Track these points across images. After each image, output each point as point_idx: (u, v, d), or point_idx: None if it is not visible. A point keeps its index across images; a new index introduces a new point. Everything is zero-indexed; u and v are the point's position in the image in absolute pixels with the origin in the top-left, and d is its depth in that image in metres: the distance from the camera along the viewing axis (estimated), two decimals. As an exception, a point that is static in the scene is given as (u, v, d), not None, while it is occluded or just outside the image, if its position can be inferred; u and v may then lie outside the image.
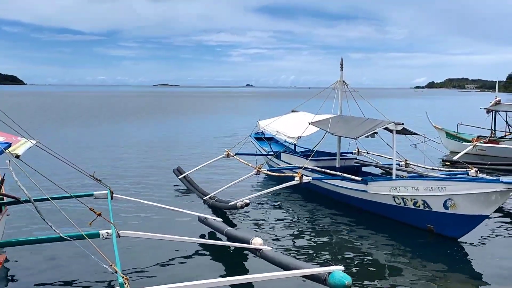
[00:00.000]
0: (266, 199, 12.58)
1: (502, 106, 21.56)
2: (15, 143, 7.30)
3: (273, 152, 15.49)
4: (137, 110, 57.96)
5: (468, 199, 8.86)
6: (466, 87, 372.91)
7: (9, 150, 6.63)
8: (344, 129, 11.82)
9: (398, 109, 67.32)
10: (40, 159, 12.03)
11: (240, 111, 58.71)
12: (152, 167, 17.51)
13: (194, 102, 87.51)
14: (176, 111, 55.95)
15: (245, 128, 27.87)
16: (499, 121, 21.58)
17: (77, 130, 31.49)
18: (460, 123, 22.95)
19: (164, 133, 30.60)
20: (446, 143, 22.80)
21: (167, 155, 20.74)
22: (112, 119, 41.80)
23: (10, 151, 6.68)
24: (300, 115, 15.48)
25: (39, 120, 38.99)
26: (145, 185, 14.36)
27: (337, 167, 12.90)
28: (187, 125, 37.19)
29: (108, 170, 16.56)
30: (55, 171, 14.22)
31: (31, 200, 6.51)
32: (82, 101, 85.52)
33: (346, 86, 13.46)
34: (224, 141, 23.94)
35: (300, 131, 13.35)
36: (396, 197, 10.07)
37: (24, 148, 7.25)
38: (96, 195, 9.49)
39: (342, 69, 13.43)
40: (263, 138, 17.13)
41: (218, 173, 15.91)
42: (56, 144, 21.33)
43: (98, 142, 24.95)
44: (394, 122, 10.71)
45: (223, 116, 47.33)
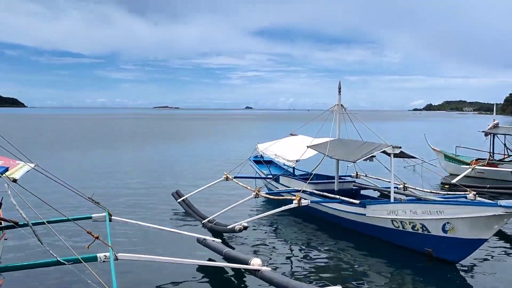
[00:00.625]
0: (264, 222, 12.54)
1: (500, 129, 21.64)
2: (13, 167, 7.33)
3: (272, 175, 15.50)
4: (136, 133, 58.06)
5: (466, 223, 8.85)
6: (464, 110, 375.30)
7: (7, 174, 6.65)
8: (342, 152, 11.88)
9: (396, 131, 67.58)
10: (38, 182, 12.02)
11: (239, 134, 58.87)
12: (151, 190, 17.49)
13: (193, 125, 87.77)
14: (175, 134, 56.05)
15: (244, 151, 27.92)
16: (497, 143, 21.64)
17: (75, 153, 31.49)
18: (459, 146, 23.00)
19: (163, 156, 30.62)
20: (445, 165, 22.84)
21: (166, 178, 20.72)
22: (110, 142, 41.83)
23: (8, 175, 6.70)
24: (299, 139, 15.55)
25: (38, 143, 39.03)
26: (144, 207, 14.33)
27: (335, 190, 12.93)
28: (186, 148, 37.23)
29: (106, 192, 16.53)
30: (53, 194, 14.22)
31: (29, 224, 6.51)
32: (81, 124, 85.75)
33: (344, 110, 13.56)
34: (223, 164, 23.94)
35: (299, 154, 13.39)
36: (395, 221, 10.05)
37: (22, 171, 7.28)
38: (95, 217, 9.46)
39: (340, 92, 13.58)
40: (262, 161, 17.16)
41: (217, 196, 15.88)
42: (54, 167, 21.38)
43: (96, 165, 24.96)
44: (391, 145, 10.76)
45: (222, 139, 47.42)
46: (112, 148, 36.00)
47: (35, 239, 6.29)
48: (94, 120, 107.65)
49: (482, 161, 20.97)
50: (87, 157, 28.98)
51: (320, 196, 12.27)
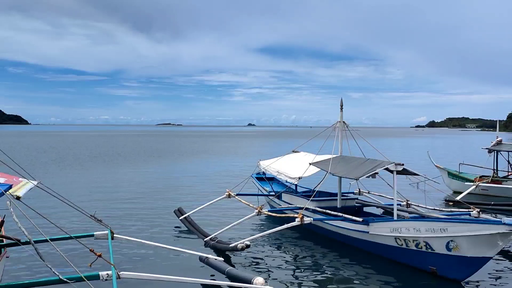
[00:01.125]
0: (267, 240, 12.48)
1: (503, 146, 21.60)
2: (16, 184, 7.35)
3: (274, 193, 15.47)
4: (138, 150, 58.14)
5: (470, 240, 8.78)
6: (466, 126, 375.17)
7: (10, 192, 6.66)
8: (345, 169, 11.86)
9: (399, 148, 67.49)
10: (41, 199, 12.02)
11: (241, 150, 58.87)
12: (153, 208, 17.45)
13: (196, 142, 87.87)
14: (177, 151, 56.09)
15: (246, 168, 27.91)
16: (501, 160, 21.58)
17: (78, 170, 31.52)
18: (462, 163, 22.95)
19: (165, 173, 30.60)
20: (448, 182, 22.76)
21: (168, 195, 20.70)
22: (113, 159, 41.88)
23: (11, 192, 6.72)
24: (301, 156, 15.57)
25: (41, 160, 39.12)
26: (146, 225, 14.29)
27: (338, 207, 12.88)
28: (188, 165, 37.24)
29: (109, 210, 16.51)
30: (56, 212, 14.22)
31: (31, 241, 6.50)
32: (84, 141, 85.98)
33: (346, 127, 13.59)
34: (225, 181, 23.91)
35: (301, 171, 13.39)
36: (398, 238, 9.99)
37: (25, 189, 7.30)
38: (97, 235, 9.43)
39: (342, 109, 13.61)
40: (264, 178, 17.15)
41: (219, 214, 15.84)
42: (57, 185, 21.44)
43: (99, 182, 24.96)
44: (394, 162, 10.75)
45: (224, 156, 47.43)
46: (115, 165, 36.03)
47: (37, 257, 6.28)
48: (97, 137, 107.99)
49: (486, 178, 20.89)
50: (90, 174, 28.99)
51: (322, 214, 12.22)
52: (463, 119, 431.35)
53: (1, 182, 6.91)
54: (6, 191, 6.44)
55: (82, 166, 34.39)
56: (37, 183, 8.15)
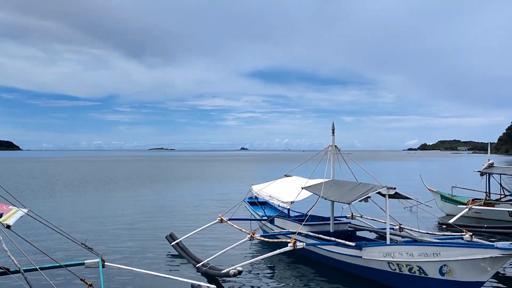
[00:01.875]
0: (260, 265, 12.38)
1: (495, 168, 21.72)
2: (6, 212, 7.30)
3: (267, 217, 15.42)
4: (130, 175, 57.85)
5: (463, 265, 8.76)
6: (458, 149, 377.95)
7: (0, 220, 6.61)
8: (337, 193, 11.87)
9: (391, 172, 67.71)
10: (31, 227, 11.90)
11: (233, 175, 58.77)
12: (144, 234, 17.29)
13: (188, 166, 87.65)
14: (169, 176, 55.87)
15: (238, 192, 27.85)
16: (493, 183, 21.70)
17: (69, 197, 31.25)
18: (455, 186, 23.01)
19: (157, 199, 30.41)
20: (441, 206, 22.80)
21: (159, 221, 20.53)
22: (104, 185, 41.59)
23: (1, 221, 6.67)
24: (293, 180, 15.59)
25: (32, 187, 38.77)
26: (138, 252, 14.13)
27: (331, 232, 12.83)
28: (180, 190, 37.05)
29: (99, 237, 16.34)
30: (46, 240, 14.06)
31: (21, 270, 6.43)
32: (76, 167, 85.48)
33: (338, 151, 13.66)
34: (218, 206, 23.81)
35: (293, 195, 13.39)
36: (391, 263, 9.95)
37: (15, 217, 7.24)
38: (87, 263, 9.32)
39: (334, 133, 13.69)
40: (257, 202, 17.10)
41: (212, 239, 15.73)
42: (48, 212, 21.25)
43: (90, 209, 24.73)
44: (386, 186, 10.77)
45: (217, 181, 47.28)
46: (106, 191, 35.78)
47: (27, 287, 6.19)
48: (89, 163, 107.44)
49: (479, 201, 20.94)
50: (81, 201, 28.74)
51: (315, 238, 12.17)
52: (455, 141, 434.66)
53: (-9, 211, 6.87)
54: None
55: (73, 192, 34.11)
56: (28, 210, 8.10)
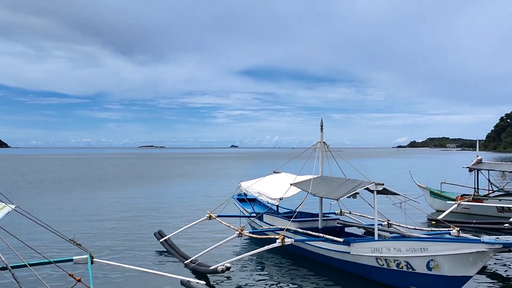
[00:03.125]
0: (248, 262, 12.42)
1: (483, 164, 21.96)
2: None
3: (256, 214, 15.45)
4: (119, 172, 57.57)
5: (450, 260, 8.85)
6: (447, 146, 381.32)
7: (-13, 216, 6.57)
8: (326, 190, 11.93)
9: (381, 169, 68.13)
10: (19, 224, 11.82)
11: (223, 172, 58.74)
12: (133, 230, 17.25)
13: (177, 164, 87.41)
14: (158, 173, 55.69)
15: (228, 189, 27.84)
16: (481, 179, 21.94)
17: (57, 194, 31.04)
18: (444, 182, 23.24)
19: (146, 196, 30.32)
20: (430, 202, 23.00)
21: (148, 218, 20.48)
22: (93, 182, 41.36)
23: (-12, 216, 6.63)
24: (282, 176, 15.63)
25: (20, 184, 38.44)
26: (126, 248, 14.10)
27: (319, 228, 12.91)
28: (169, 187, 36.96)
29: (88, 234, 16.27)
30: (34, 236, 13.96)
31: (8, 267, 6.38)
32: (64, 164, 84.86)
33: (327, 147, 13.72)
34: (206, 203, 23.79)
35: (282, 192, 13.44)
36: (379, 259, 10.04)
37: (2, 213, 7.20)
38: (76, 260, 9.29)
39: (322, 130, 13.73)
40: (246, 199, 17.12)
41: (200, 236, 15.74)
42: (36, 209, 21.09)
43: (78, 206, 24.60)
44: (374, 182, 10.85)
45: (206, 178, 47.24)
46: (95, 188, 35.59)
47: (15, 283, 6.16)
48: (78, 160, 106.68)
49: (468, 196, 21.14)
50: (69, 198, 28.56)
51: (304, 235, 12.24)
52: (444, 139, 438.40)
53: (-23, 207, 6.81)
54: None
55: (61, 190, 33.88)
56: (15, 207, 8.04)
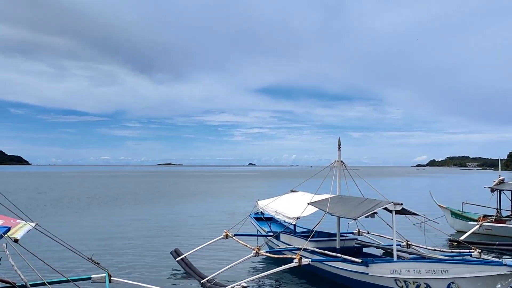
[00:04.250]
0: (265, 281, 12.31)
1: (506, 185, 21.47)
2: (14, 226, 7.36)
3: (273, 233, 15.36)
4: (137, 190, 57.96)
5: (471, 282, 8.66)
6: (467, 165, 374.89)
7: (8, 234, 6.67)
8: (343, 209, 11.84)
9: (400, 188, 67.28)
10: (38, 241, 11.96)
11: (240, 190, 58.67)
12: (150, 249, 17.29)
13: (195, 182, 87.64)
14: (176, 192, 55.89)
15: (245, 208, 27.78)
16: (504, 199, 21.45)
17: (76, 211, 31.36)
18: (465, 202, 22.79)
19: (163, 214, 30.41)
20: (451, 222, 22.57)
21: (165, 236, 20.52)
22: (111, 200, 41.71)
23: (9, 235, 6.73)
24: (299, 195, 15.55)
25: (40, 201, 38.96)
26: (144, 267, 14.13)
27: (337, 248, 12.77)
28: (186, 205, 37.04)
29: (106, 252, 16.36)
30: (53, 254, 14.09)
31: (27, 285, 6.47)
32: (83, 181, 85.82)
33: (344, 166, 13.64)
34: (223, 222, 23.77)
35: (299, 211, 13.35)
36: (398, 280, 9.87)
37: (23, 231, 7.30)
38: (94, 278, 9.34)
39: (340, 149, 13.69)
40: (263, 218, 17.05)
41: (217, 255, 15.69)
42: (55, 226, 21.31)
43: (97, 224, 24.81)
44: (393, 202, 10.72)
45: (223, 196, 47.24)
46: (113, 206, 35.86)
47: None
48: (97, 178, 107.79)
49: (490, 217, 20.68)
50: (88, 216, 28.83)
51: (321, 255, 12.11)
52: (464, 158, 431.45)
53: (0, 225, 6.92)
54: (5, 234, 6.45)
55: (80, 207, 34.23)
56: (35, 224, 8.16)
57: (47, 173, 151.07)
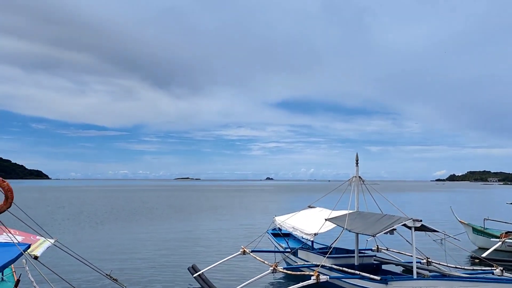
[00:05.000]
0: (283, 299, 12.19)
1: None
2: (34, 243, 7.44)
3: (290, 249, 15.26)
4: (155, 205, 58.25)
5: (493, 301, 8.48)
6: (488, 180, 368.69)
7: (28, 251, 6.75)
8: (361, 225, 11.72)
9: (419, 203, 66.28)
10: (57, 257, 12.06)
11: (258, 205, 58.51)
12: (168, 265, 17.30)
13: (214, 196, 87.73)
14: (193, 207, 56.00)
15: (262, 223, 27.69)
16: None
17: (94, 227, 31.60)
18: (487, 218, 22.38)
19: (181, 230, 30.42)
20: (473, 239, 22.16)
21: (183, 251, 20.54)
22: (129, 215, 41.97)
23: (29, 252, 6.80)
24: (317, 211, 15.46)
25: (59, 216, 39.39)
26: (161, 283, 14.14)
27: (355, 265, 12.62)
28: (204, 220, 37.05)
29: (124, 267, 16.43)
30: (72, 270, 14.20)
31: (46, 301, 6.51)
32: (102, 196, 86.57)
33: (362, 181, 13.54)
34: (241, 237, 23.71)
35: (317, 227, 13.26)
36: (418, 298, 9.69)
37: (42, 248, 7.38)
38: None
39: (358, 164, 13.61)
40: (280, 234, 16.97)
41: (234, 271, 15.63)
42: (74, 242, 21.52)
43: (115, 239, 24.97)
44: (412, 218, 10.61)
45: (241, 211, 47.15)
46: (131, 221, 36.06)
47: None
48: (115, 192, 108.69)
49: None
50: (106, 231, 29.03)
51: (339, 272, 11.97)
52: (485, 172, 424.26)
53: (20, 241, 7.00)
54: (25, 251, 6.53)
55: (98, 222, 34.50)
56: (54, 241, 8.24)
57: (66, 188, 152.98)
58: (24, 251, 6.36)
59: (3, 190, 8.54)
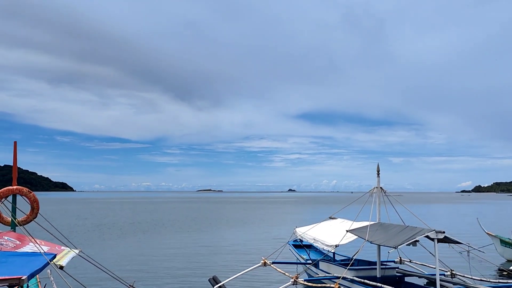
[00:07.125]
0: (304, 311, 12.11)
1: None
2: (59, 253, 7.62)
3: (311, 260, 15.17)
4: (177, 217, 58.59)
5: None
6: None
7: (54, 261, 6.91)
8: (383, 237, 11.60)
9: (444, 215, 65.01)
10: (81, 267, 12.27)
11: (279, 217, 58.31)
12: (189, 276, 17.39)
13: (235, 208, 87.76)
14: (215, 218, 56.13)
15: (283, 234, 27.58)
16: None
17: (117, 238, 31.97)
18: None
19: (203, 240, 30.56)
20: (501, 251, 21.64)
21: (204, 263, 20.61)
22: (152, 226, 42.32)
23: (55, 261, 6.96)
24: (338, 222, 15.36)
25: (83, 228, 39.99)
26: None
27: (377, 277, 12.46)
28: (225, 232, 37.10)
29: (146, 278, 16.57)
30: (95, 280, 14.40)
31: (70, 310, 6.64)
32: (125, 207, 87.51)
33: (384, 193, 13.41)
34: (262, 249, 23.65)
35: (338, 239, 13.17)
36: (442, 311, 9.52)
37: (67, 258, 7.54)
38: (134, 304, 9.46)
39: (379, 175, 13.50)
40: (301, 245, 16.89)
41: (255, 282, 15.60)
42: (97, 252, 21.83)
43: (138, 250, 25.21)
44: (435, 230, 10.45)
45: (262, 223, 47.04)
46: (153, 232, 36.35)
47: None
48: (138, 204, 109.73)
49: None
50: (129, 242, 29.34)
51: (361, 284, 11.83)
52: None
53: (46, 251, 7.17)
54: (51, 261, 6.69)
55: (121, 233, 34.90)
56: (79, 251, 8.41)
57: (90, 199, 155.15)
58: (50, 260, 6.51)
59: (30, 201, 8.81)
